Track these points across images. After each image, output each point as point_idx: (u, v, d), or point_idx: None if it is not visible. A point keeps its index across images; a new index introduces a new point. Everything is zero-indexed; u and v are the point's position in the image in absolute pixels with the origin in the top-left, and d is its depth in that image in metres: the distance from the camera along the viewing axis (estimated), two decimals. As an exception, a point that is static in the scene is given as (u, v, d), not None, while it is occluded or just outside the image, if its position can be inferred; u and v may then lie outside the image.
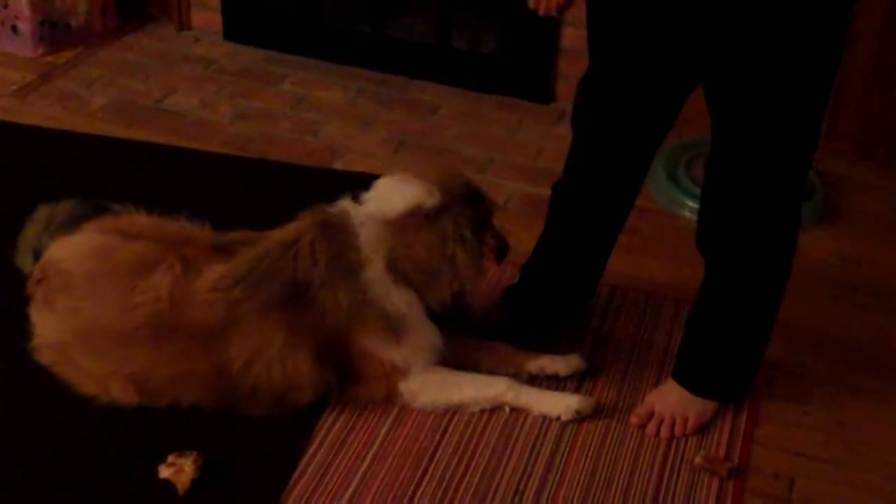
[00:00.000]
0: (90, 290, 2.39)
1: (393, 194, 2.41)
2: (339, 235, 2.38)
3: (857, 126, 3.64)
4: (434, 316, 2.45)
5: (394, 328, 2.40)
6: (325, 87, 4.04)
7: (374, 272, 2.36)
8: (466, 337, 2.64)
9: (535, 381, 2.58)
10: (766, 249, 2.33)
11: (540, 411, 2.48)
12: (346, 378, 2.44)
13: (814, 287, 3.01)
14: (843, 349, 2.79)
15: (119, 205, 2.75)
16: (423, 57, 4.11)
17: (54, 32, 4.19)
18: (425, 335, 2.45)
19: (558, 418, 2.47)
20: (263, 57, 4.25)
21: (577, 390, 2.57)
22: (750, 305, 2.42)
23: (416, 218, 2.37)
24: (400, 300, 2.39)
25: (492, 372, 2.58)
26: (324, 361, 2.39)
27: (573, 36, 3.76)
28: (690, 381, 2.48)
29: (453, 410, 2.48)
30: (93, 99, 3.89)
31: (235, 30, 4.34)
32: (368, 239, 2.37)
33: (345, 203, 2.44)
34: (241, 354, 2.34)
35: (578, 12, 3.72)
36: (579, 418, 2.47)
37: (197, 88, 4.00)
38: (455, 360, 2.56)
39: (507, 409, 2.49)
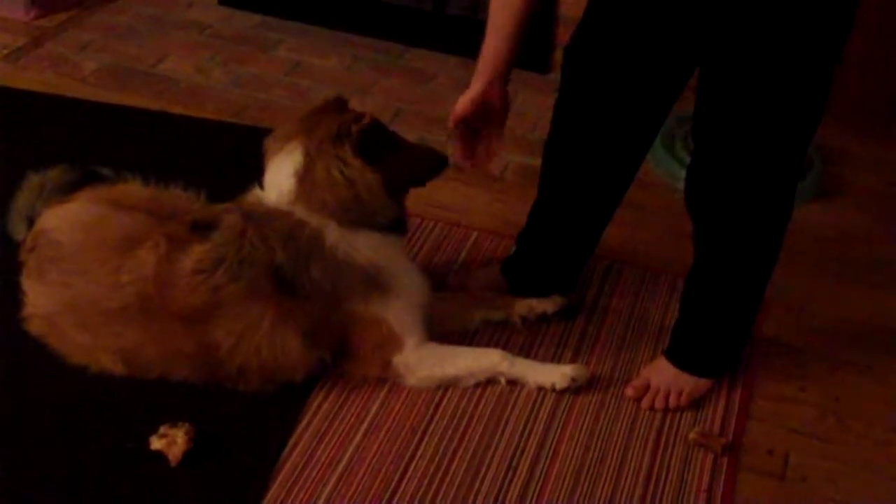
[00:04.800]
0: (80, 264, 2.37)
1: (279, 171, 2.38)
2: (274, 222, 2.35)
3: (855, 100, 3.61)
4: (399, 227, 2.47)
5: (379, 282, 2.40)
6: (321, 53, 4.01)
7: (332, 236, 2.35)
8: (455, 293, 2.69)
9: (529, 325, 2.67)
10: (755, 224, 2.30)
11: (535, 381, 2.48)
12: (339, 355, 2.43)
13: (811, 261, 3.00)
14: (840, 324, 2.78)
15: (111, 171, 2.72)
16: (419, 24, 4.06)
17: (47, -5, 4.15)
18: (409, 280, 2.47)
19: (553, 387, 2.46)
20: (258, 22, 4.21)
21: (572, 361, 2.56)
22: (738, 278, 2.40)
23: (306, 176, 2.36)
24: (367, 245, 2.38)
25: (485, 321, 2.65)
26: (314, 341, 2.38)
27: (572, 4, 3.72)
28: (680, 359, 2.48)
29: (447, 386, 2.47)
30: (85, 63, 3.85)
31: (230, -6, 4.30)
32: (302, 212, 2.36)
33: (257, 191, 2.43)
34: (228, 337, 2.33)
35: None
36: (575, 385, 2.47)
37: (191, 54, 3.96)
38: (446, 316, 2.59)
39: (502, 381, 2.48)
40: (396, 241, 2.46)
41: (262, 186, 2.42)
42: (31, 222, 2.55)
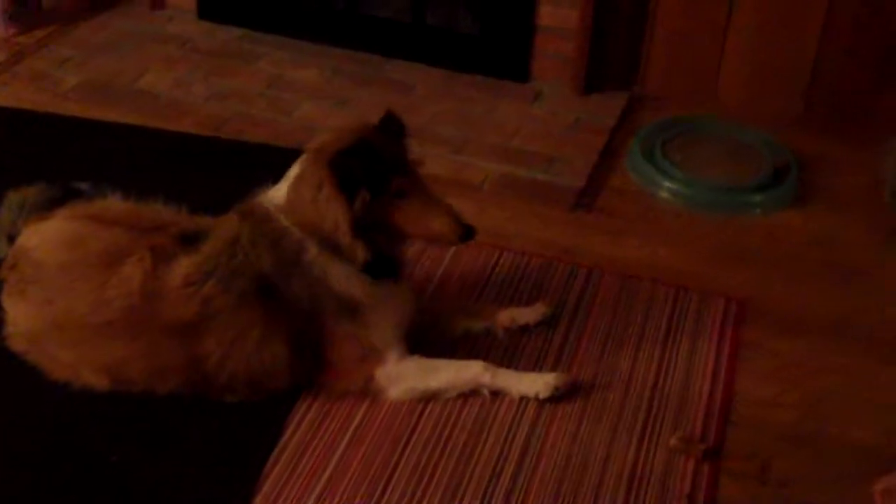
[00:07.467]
0: (62, 282, 2.38)
1: (287, 175, 2.41)
2: (266, 224, 2.37)
3: (831, 105, 3.64)
4: (379, 271, 2.40)
5: (353, 308, 2.39)
6: (301, 66, 4.01)
7: (311, 253, 2.35)
8: (437, 300, 2.72)
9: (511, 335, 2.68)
10: None
11: (518, 391, 2.48)
12: (321, 368, 2.43)
13: (790, 266, 3.03)
14: (817, 328, 2.80)
15: (91, 186, 2.73)
16: (398, 35, 4.08)
17: (26, 12, 4.15)
18: (386, 308, 2.44)
19: (537, 396, 2.47)
20: (238, 36, 4.22)
21: (554, 369, 2.58)
22: None
23: (295, 189, 2.37)
24: (341, 277, 2.37)
25: (468, 331, 2.66)
26: (300, 351, 2.39)
27: (550, 14, 3.75)
28: None
29: (430, 399, 2.48)
30: (65, 79, 3.85)
31: (210, 8, 4.30)
32: (288, 222, 2.36)
33: (261, 191, 2.44)
34: (218, 347, 2.34)
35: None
36: (558, 394, 2.47)
37: (171, 68, 3.96)
38: (428, 327, 2.61)
39: (485, 393, 2.49)
40: (375, 282, 2.40)
41: None
42: (11, 240, 2.55)
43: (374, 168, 2.28)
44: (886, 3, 3.42)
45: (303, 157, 2.39)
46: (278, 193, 2.39)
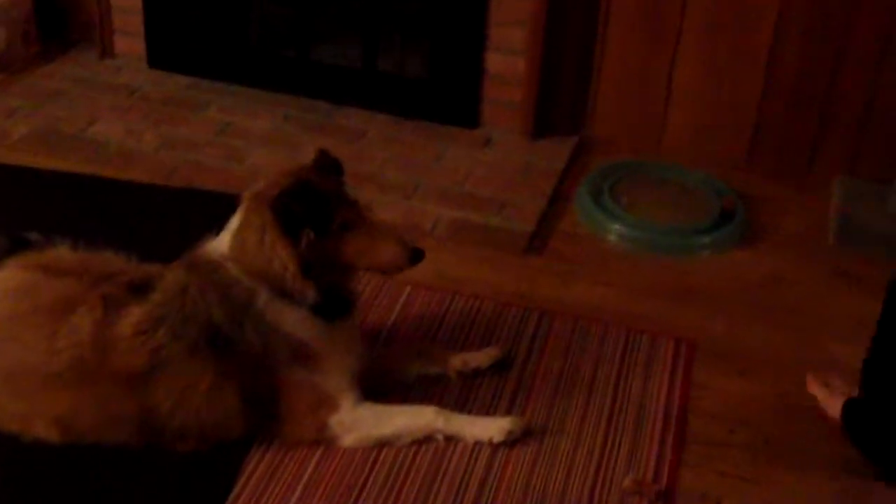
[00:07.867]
0: (12, 332, 2.36)
1: (229, 224, 2.40)
2: (213, 274, 2.36)
3: (777, 147, 3.71)
4: (331, 310, 2.40)
5: (305, 355, 2.39)
6: (251, 113, 4.02)
7: (262, 299, 2.35)
8: (390, 345, 2.74)
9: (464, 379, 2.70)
10: None
11: (472, 435, 2.49)
12: (273, 417, 2.42)
13: (737, 306, 3.07)
14: (766, 367, 2.83)
15: (40, 236, 2.71)
16: (348, 82, 4.10)
17: (-27, 62, 4.13)
18: (338, 353, 2.44)
19: (491, 440, 2.48)
20: (188, 84, 4.22)
21: (507, 413, 2.58)
22: None
23: (239, 236, 2.36)
24: (293, 321, 2.37)
25: (421, 375, 2.67)
26: (252, 400, 2.38)
27: (498, 61, 3.79)
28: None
29: (383, 445, 2.47)
30: (14, 129, 3.82)
31: (159, 57, 4.31)
32: (236, 270, 2.35)
33: (212, 242, 2.42)
34: (169, 397, 2.33)
35: (503, 36, 3.78)
36: (512, 438, 2.48)
37: (121, 116, 3.95)
38: (381, 371, 2.62)
39: (440, 439, 2.49)
40: (328, 324, 2.41)
41: None
42: (-41, 291, 2.53)
43: (315, 206, 2.29)
44: (828, 48, 3.50)
45: (242, 205, 2.39)
46: (222, 243, 2.38)
